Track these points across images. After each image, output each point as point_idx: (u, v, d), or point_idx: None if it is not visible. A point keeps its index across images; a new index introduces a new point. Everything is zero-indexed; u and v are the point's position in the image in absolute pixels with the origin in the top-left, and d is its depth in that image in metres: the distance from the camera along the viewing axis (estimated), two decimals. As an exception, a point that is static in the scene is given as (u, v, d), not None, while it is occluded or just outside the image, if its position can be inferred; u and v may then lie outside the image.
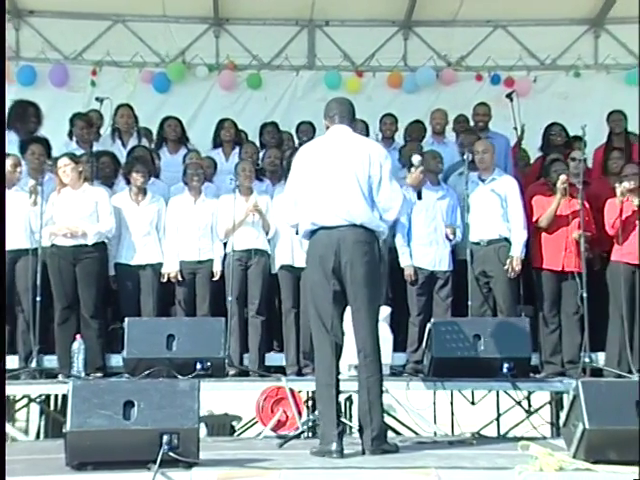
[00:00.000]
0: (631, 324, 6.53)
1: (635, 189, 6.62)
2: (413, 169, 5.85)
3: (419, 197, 6.00)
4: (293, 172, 5.01)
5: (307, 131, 8.11)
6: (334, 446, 4.60)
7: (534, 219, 6.80)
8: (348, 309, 4.85)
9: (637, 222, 6.61)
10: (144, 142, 7.79)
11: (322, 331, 4.78)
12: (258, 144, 7.86)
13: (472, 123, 8.06)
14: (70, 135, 7.66)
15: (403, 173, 7.42)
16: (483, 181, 6.86)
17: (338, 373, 4.80)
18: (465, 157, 6.76)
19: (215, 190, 7.25)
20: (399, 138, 8.12)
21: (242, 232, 6.73)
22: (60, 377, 6.25)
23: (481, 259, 6.71)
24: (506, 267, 6.63)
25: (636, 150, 7.70)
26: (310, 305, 4.91)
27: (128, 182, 6.94)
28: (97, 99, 7.87)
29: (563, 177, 6.68)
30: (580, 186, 6.54)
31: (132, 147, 7.59)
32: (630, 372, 6.26)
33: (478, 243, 6.73)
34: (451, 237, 6.78)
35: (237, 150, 7.75)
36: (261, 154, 7.61)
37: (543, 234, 6.79)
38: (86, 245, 6.55)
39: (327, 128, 5.04)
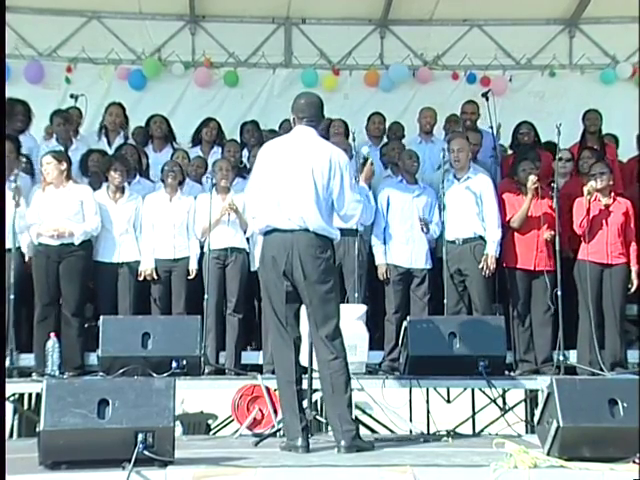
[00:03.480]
0: (602, 323, 6.58)
1: (603, 188, 6.66)
2: (368, 163, 5.45)
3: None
4: (256, 168, 5.03)
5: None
6: (299, 441, 4.70)
7: (506, 218, 6.80)
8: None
9: (604, 221, 6.65)
10: (131, 141, 7.70)
11: (280, 329, 4.84)
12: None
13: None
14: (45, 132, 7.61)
15: (386, 172, 7.44)
16: (458, 179, 6.87)
17: (299, 369, 4.85)
18: (442, 155, 6.78)
19: (199, 190, 7.18)
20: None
21: (219, 231, 6.71)
22: (34, 376, 6.21)
23: (457, 257, 6.72)
24: (481, 265, 6.65)
25: (610, 150, 7.76)
26: (266, 304, 4.97)
27: (106, 180, 6.90)
28: (72, 96, 7.81)
29: (533, 178, 6.68)
30: (555, 185, 6.57)
31: (119, 145, 7.54)
32: (602, 370, 6.31)
33: (453, 242, 6.74)
34: (424, 229, 6.76)
35: (215, 150, 7.72)
36: (245, 152, 7.60)
37: (515, 234, 6.80)
38: (72, 244, 6.53)
39: (293, 122, 5.00)
